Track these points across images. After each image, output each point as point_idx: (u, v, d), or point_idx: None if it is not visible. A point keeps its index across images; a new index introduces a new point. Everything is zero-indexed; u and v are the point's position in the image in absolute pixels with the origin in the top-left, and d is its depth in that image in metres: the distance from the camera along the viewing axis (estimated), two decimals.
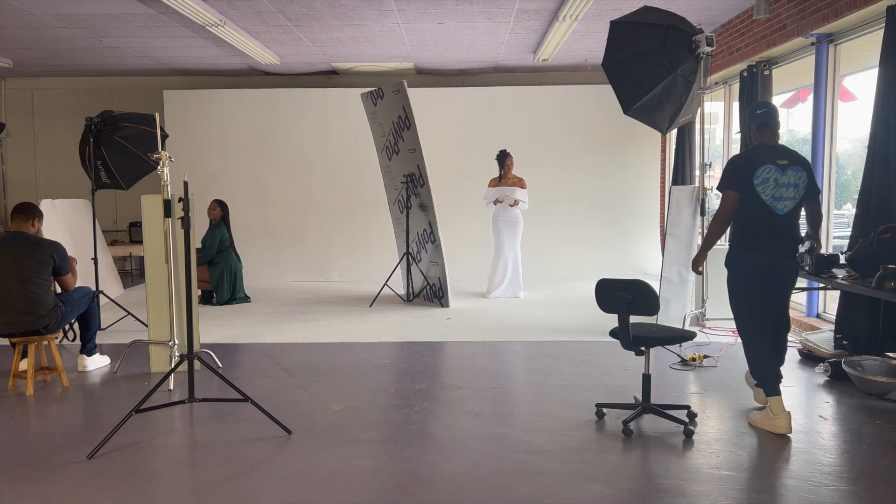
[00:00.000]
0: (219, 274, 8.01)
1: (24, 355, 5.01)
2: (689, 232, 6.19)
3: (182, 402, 4.07)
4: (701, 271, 4.33)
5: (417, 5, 6.86)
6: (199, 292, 8.10)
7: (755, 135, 4.06)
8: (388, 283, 8.32)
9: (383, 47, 8.77)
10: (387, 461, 3.51)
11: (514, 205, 8.11)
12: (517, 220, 8.18)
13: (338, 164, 10.23)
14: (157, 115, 5.28)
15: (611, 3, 6.82)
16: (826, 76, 6.13)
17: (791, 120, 9.49)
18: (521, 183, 8.21)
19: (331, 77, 10.67)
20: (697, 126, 7.09)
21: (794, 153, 3.96)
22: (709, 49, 5.36)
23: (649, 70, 5.33)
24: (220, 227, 8.06)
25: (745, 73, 7.30)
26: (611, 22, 5.39)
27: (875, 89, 5.03)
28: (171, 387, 4.78)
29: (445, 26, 7.70)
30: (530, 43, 8.59)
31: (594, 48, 8.81)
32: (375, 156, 8.80)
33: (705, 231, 6.17)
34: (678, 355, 5.41)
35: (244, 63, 9.68)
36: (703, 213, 6.15)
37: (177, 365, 4.34)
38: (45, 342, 4.95)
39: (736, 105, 7.62)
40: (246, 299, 8.24)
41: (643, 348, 3.89)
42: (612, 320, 3.99)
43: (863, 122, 5.98)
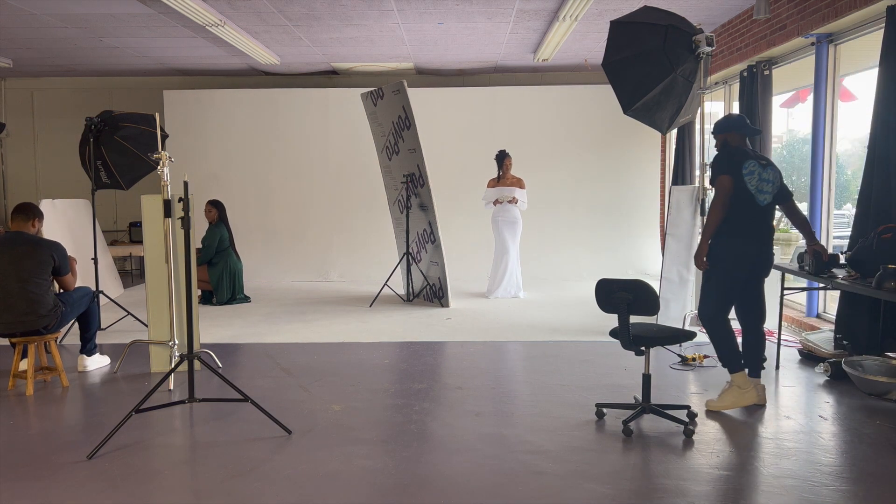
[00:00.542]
0: (219, 274, 8.01)
1: (24, 355, 5.01)
2: (689, 232, 6.19)
3: (182, 402, 4.07)
4: (705, 264, 4.26)
5: (417, 5, 6.86)
6: (199, 292, 8.10)
7: (738, 140, 4.32)
8: (388, 283, 8.32)
9: (383, 47, 8.77)
10: (387, 461, 3.52)
11: (512, 202, 8.11)
12: (517, 219, 8.18)
13: (338, 164, 10.23)
14: (157, 115, 5.28)
15: (611, 3, 6.82)
16: (826, 76, 6.13)
17: (791, 120, 9.49)
18: (519, 183, 8.21)
19: (331, 77, 10.67)
20: (697, 126, 7.10)
21: (768, 158, 4.38)
22: (709, 49, 5.36)
23: (649, 70, 5.32)
24: (219, 228, 8.06)
25: (745, 73, 7.30)
26: (611, 22, 5.38)
27: (875, 89, 5.03)
28: (171, 387, 4.78)
29: (445, 26, 7.70)
30: (530, 43, 8.59)
31: (594, 48, 8.82)
32: (375, 156, 8.80)
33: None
34: (678, 355, 5.41)
35: (244, 63, 9.68)
36: (703, 213, 6.15)
37: (177, 365, 4.34)
38: (45, 342, 4.95)
39: (736, 105, 7.62)
40: (246, 299, 8.24)
41: (643, 348, 3.89)
42: (612, 320, 3.99)
43: (863, 122, 5.98)
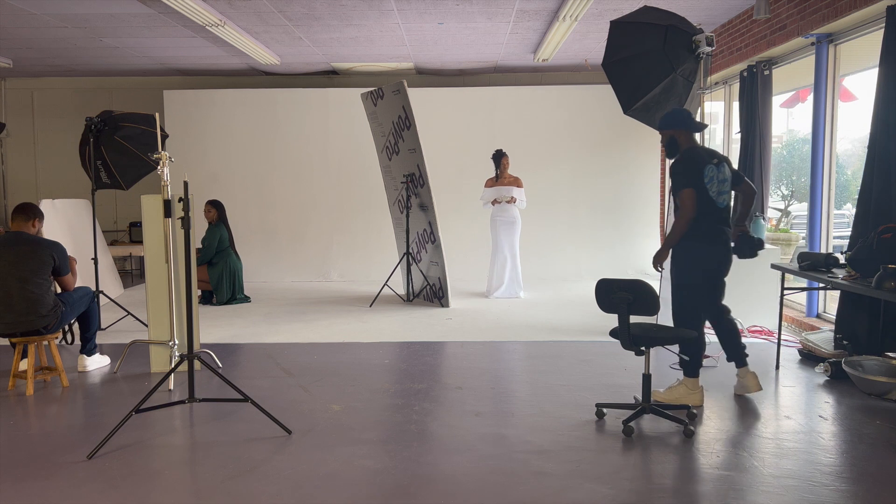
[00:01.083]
0: (218, 274, 8.01)
1: (24, 355, 5.01)
2: None
3: (182, 402, 4.07)
4: (662, 269, 4.43)
5: (417, 5, 6.87)
6: (199, 292, 8.10)
7: (687, 137, 4.37)
8: (388, 283, 8.32)
9: (383, 47, 8.77)
10: (387, 461, 3.52)
11: (511, 201, 8.10)
12: (515, 219, 8.18)
13: (338, 164, 10.22)
14: (157, 115, 5.28)
15: (611, 3, 6.82)
16: (826, 76, 6.13)
17: (791, 120, 9.49)
18: (517, 182, 8.21)
19: (331, 77, 10.67)
20: None
21: (716, 151, 4.43)
22: (709, 49, 5.36)
23: (649, 70, 5.32)
24: (218, 228, 8.06)
25: (745, 73, 7.30)
26: (611, 22, 5.38)
27: (875, 89, 5.03)
28: (171, 387, 4.78)
29: (445, 26, 7.70)
30: (530, 43, 8.59)
31: (594, 48, 8.82)
32: (375, 156, 8.80)
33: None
34: (678, 355, 5.40)
35: (244, 63, 9.69)
36: None
37: (177, 365, 4.34)
38: (45, 342, 4.95)
39: (736, 105, 7.62)
40: (246, 299, 8.24)
41: (643, 348, 3.89)
42: (612, 320, 3.99)
43: (863, 122, 5.99)
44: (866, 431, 3.89)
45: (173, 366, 4.49)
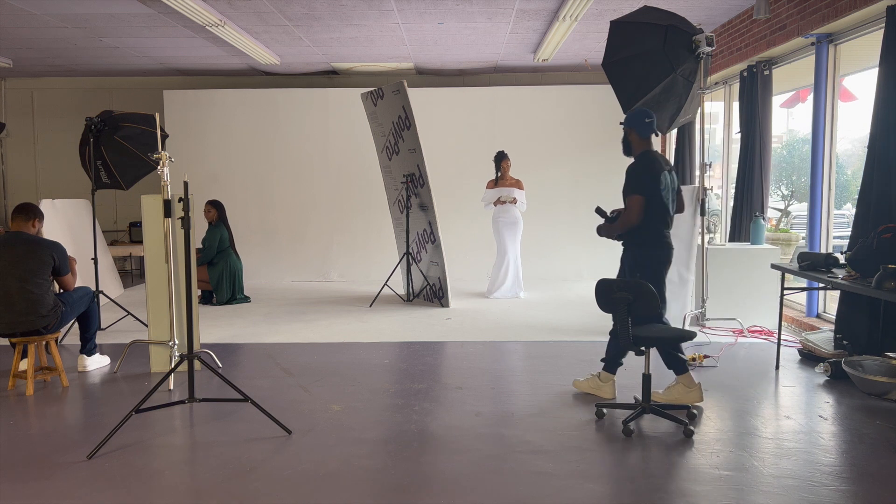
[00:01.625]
0: (218, 274, 8.01)
1: (24, 355, 5.01)
2: (689, 232, 6.19)
3: (182, 402, 4.07)
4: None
5: (417, 5, 6.87)
6: (199, 292, 8.10)
7: (642, 142, 4.45)
8: (388, 283, 8.32)
9: (383, 47, 8.77)
10: (387, 461, 3.52)
11: (513, 202, 8.10)
12: (517, 220, 8.18)
13: (338, 164, 10.22)
14: (157, 115, 5.28)
15: (611, 3, 6.82)
16: (826, 76, 6.13)
17: (791, 120, 9.50)
18: (518, 184, 8.21)
19: (331, 77, 10.67)
20: (697, 126, 7.10)
21: (665, 157, 4.55)
22: (709, 49, 5.36)
23: (649, 70, 5.33)
24: (219, 228, 8.06)
25: (745, 73, 7.30)
26: (611, 22, 5.39)
27: (875, 89, 5.03)
28: (171, 387, 4.78)
29: (445, 26, 7.70)
30: (530, 43, 8.59)
31: (594, 48, 8.82)
32: (375, 156, 8.80)
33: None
34: (678, 356, 5.40)
35: (244, 63, 9.69)
36: (703, 213, 6.16)
37: (177, 365, 4.34)
38: (45, 342, 4.95)
39: (736, 105, 7.62)
40: (246, 299, 8.24)
41: (643, 348, 3.89)
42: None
43: (863, 122, 5.99)
44: (866, 431, 3.89)
45: (173, 366, 4.48)
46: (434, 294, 7.88)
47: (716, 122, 9.48)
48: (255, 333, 6.51)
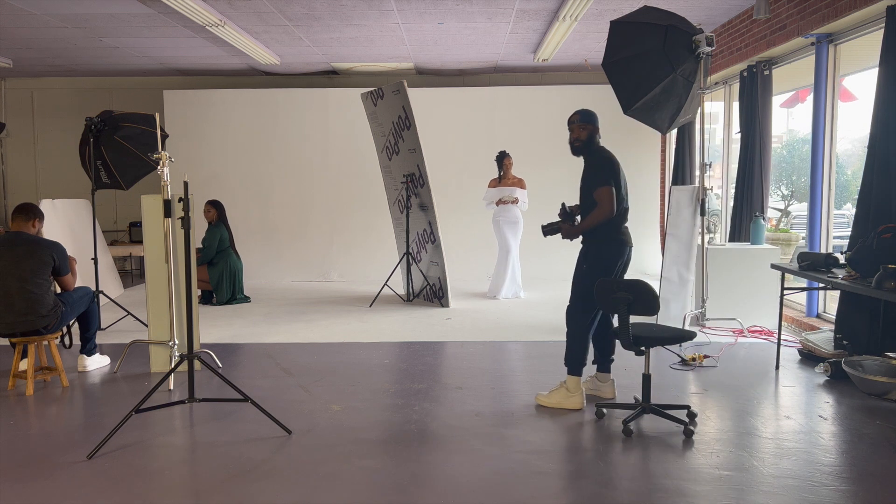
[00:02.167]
0: (219, 274, 8.01)
1: (24, 355, 5.01)
2: (689, 232, 6.19)
3: (182, 402, 4.07)
4: (572, 236, 4.43)
5: (417, 5, 6.87)
6: (199, 292, 8.10)
7: (598, 137, 4.51)
8: (388, 283, 8.32)
9: (383, 47, 8.77)
10: (387, 461, 3.52)
11: (514, 202, 8.10)
12: (518, 220, 8.17)
13: (338, 164, 10.22)
14: (157, 115, 5.28)
15: (611, 3, 6.82)
16: (826, 76, 6.13)
17: (791, 120, 9.50)
18: (520, 183, 8.21)
19: (331, 77, 10.67)
20: (697, 126, 7.09)
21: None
22: (709, 49, 5.36)
23: (649, 70, 5.32)
24: (218, 228, 8.05)
25: (745, 73, 7.30)
26: (611, 22, 5.38)
27: (875, 89, 5.03)
28: (171, 387, 4.78)
29: (445, 26, 7.70)
30: (530, 43, 8.59)
31: (594, 48, 8.82)
32: (375, 156, 8.80)
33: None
34: (678, 355, 5.41)
35: (244, 63, 9.69)
36: (703, 213, 6.16)
37: (177, 365, 4.34)
38: (45, 342, 4.95)
39: (736, 105, 7.62)
40: (246, 299, 8.24)
41: (643, 348, 3.89)
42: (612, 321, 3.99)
43: (863, 122, 5.99)
44: (866, 431, 3.89)
45: (173, 366, 4.48)
46: (434, 294, 7.88)
47: (716, 122, 9.48)
48: (255, 333, 6.51)
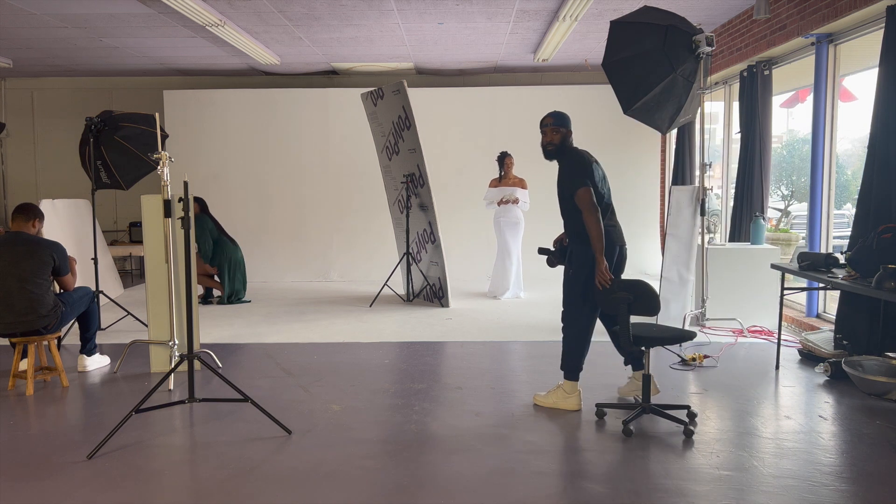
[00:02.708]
0: (222, 268, 7.99)
1: (24, 355, 5.01)
2: (689, 232, 6.19)
3: (182, 402, 4.07)
4: (609, 280, 4.01)
5: (417, 5, 6.87)
6: (201, 289, 8.10)
7: (571, 139, 4.55)
8: (388, 283, 8.32)
9: (383, 47, 8.77)
10: (387, 461, 3.52)
11: (515, 202, 8.09)
12: (519, 220, 8.17)
13: (338, 164, 10.22)
14: (157, 115, 5.28)
15: (611, 3, 6.82)
16: (826, 76, 6.13)
17: (791, 120, 9.50)
18: (521, 183, 8.21)
19: (331, 77, 10.67)
20: (697, 126, 7.10)
21: (588, 151, 4.53)
22: (709, 49, 5.36)
23: (649, 70, 5.32)
24: (201, 219, 7.90)
25: (745, 73, 7.30)
26: (611, 22, 5.39)
27: (875, 89, 5.03)
28: (171, 387, 4.78)
29: (445, 26, 7.70)
30: (530, 43, 8.59)
31: (594, 48, 8.82)
32: (375, 156, 8.80)
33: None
34: (678, 355, 5.41)
35: (244, 63, 9.69)
36: (703, 213, 6.16)
37: (177, 365, 4.34)
38: (45, 342, 4.95)
39: (736, 105, 7.62)
40: (245, 301, 8.23)
41: (643, 348, 3.89)
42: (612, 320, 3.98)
43: (863, 122, 5.99)
44: (866, 431, 3.89)
45: (173, 366, 4.49)
46: (434, 294, 7.88)
47: (716, 122, 9.49)
48: (255, 333, 6.51)
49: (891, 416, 4.11)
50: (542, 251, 4.59)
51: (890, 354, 4.78)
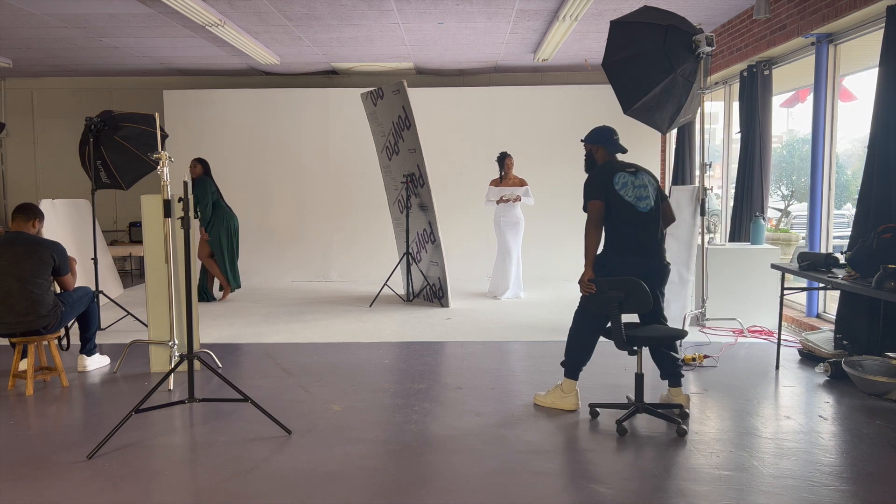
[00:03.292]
0: (217, 234, 8.00)
1: (24, 355, 5.01)
2: (689, 232, 6.19)
3: (182, 402, 4.07)
4: (589, 287, 4.03)
5: (417, 5, 6.87)
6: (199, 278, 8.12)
7: (603, 155, 4.35)
8: (388, 283, 8.32)
9: (383, 47, 8.77)
10: (387, 461, 3.52)
11: (516, 200, 8.08)
12: (519, 220, 8.16)
13: (338, 164, 10.22)
14: (157, 115, 5.28)
15: (611, 3, 6.82)
16: (826, 76, 6.13)
17: (791, 120, 9.50)
18: (522, 184, 8.20)
19: (331, 77, 10.67)
20: (697, 126, 7.10)
21: (635, 164, 4.31)
22: (709, 49, 5.36)
23: (649, 70, 5.32)
24: (204, 181, 7.89)
25: (745, 73, 7.30)
26: (611, 22, 5.38)
27: (875, 89, 5.03)
28: (171, 387, 4.78)
29: (445, 26, 7.70)
30: (530, 43, 8.59)
31: (594, 48, 8.81)
32: (375, 156, 8.79)
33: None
34: (673, 355, 5.34)
35: (244, 63, 9.68)
36: (703, 213, 6.15)
37: (177, 365, 4.35)
38: (44, 342, 4.95)
39: (736, 105, 7.62)
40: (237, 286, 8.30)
41: (636, 348, 3.89)
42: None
43: (863, 122, 5.99)
44: (866, 431, 3.89)
45: (173, 366, 4.48)
46: (434, 294, 7.88)
47: (716, 122, 9.49)
48: (255, 333, 6.51)
49: (891, 416, 4.11)
50: None
51: (890, 354, 4.78)
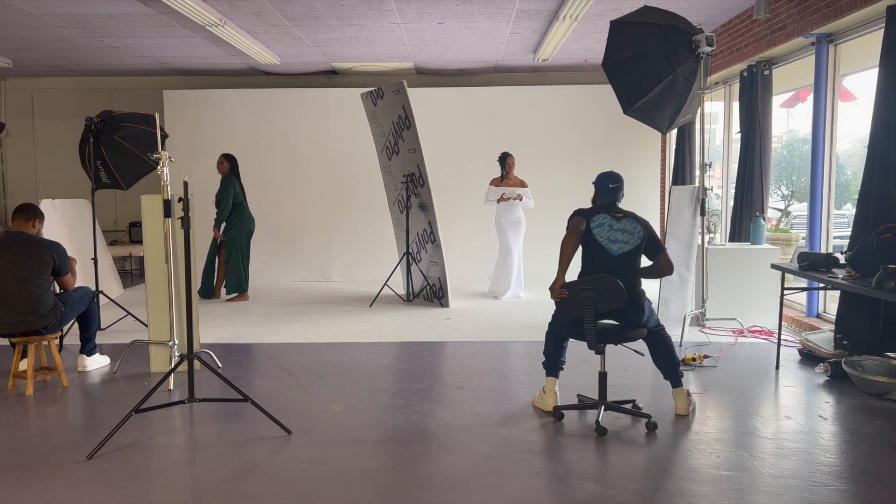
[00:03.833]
0: (234, 233, 8.04)
1: (24, 355, 5.01)
2: (689, 232, 6.19)
3: (182, 402, 4.07)
4: (560, 292, 3.99)
5: (417, 5, 6.87)
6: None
7: (599, 199, 4.32)
8: (388, 283, 8.32)
9: (383, 47, 8.77)
10: (387, 461, 3.52)
11: (517, 199, 8.07)
12: (520, 220, 8.16)
13: (338, 164, 10.22)
14: (157, 115, 5.28)
15: (611, 3, 6.82)
16: (826, 76, 6.13)
17: (791, 120, 9.50)
18: (522, 185, 8.20)
19: (331, 77, 10.67)
20: (697, 126, 7.09)
21: (633, 213, 4.24)
22: (709, 49, 5.36)
23: (649, 70, 5.33)
24: (230, 180, 8.01)
25: (745, 73, 7.30)
26: (611, 22, 5.39)
27: (875, 89, 5.03)
28: (171, 387, 4.78)
29: (445, 26, 7.70)
30: (530, 43, 8.59)
31: (594, 48, 8.82)
32: (375, 156, 8.80)
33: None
34: (636, 351, 5.22)
35: (244, 63, 9.69)
36: (703, 213, 6.16)
37: (177, 365, 4.35)
38: (44, 342, 4.95)
39: (736, 105, 7.62)
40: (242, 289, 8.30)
41: (602, 346, 3.91)
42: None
43: (863, 122, 5.99)
44: (866, 431, 3.89)
45: (173, 366, 4.49)
46: (434, 294, 7.88)
47: (716, 122, 9.49)
48: (255, 333, 6.51)
49: (891, 416, 4.11)
50: None
51: (890, 354, 4.78)
